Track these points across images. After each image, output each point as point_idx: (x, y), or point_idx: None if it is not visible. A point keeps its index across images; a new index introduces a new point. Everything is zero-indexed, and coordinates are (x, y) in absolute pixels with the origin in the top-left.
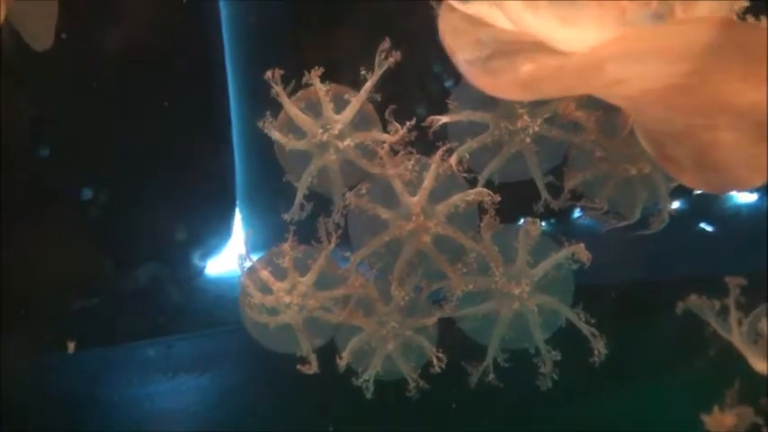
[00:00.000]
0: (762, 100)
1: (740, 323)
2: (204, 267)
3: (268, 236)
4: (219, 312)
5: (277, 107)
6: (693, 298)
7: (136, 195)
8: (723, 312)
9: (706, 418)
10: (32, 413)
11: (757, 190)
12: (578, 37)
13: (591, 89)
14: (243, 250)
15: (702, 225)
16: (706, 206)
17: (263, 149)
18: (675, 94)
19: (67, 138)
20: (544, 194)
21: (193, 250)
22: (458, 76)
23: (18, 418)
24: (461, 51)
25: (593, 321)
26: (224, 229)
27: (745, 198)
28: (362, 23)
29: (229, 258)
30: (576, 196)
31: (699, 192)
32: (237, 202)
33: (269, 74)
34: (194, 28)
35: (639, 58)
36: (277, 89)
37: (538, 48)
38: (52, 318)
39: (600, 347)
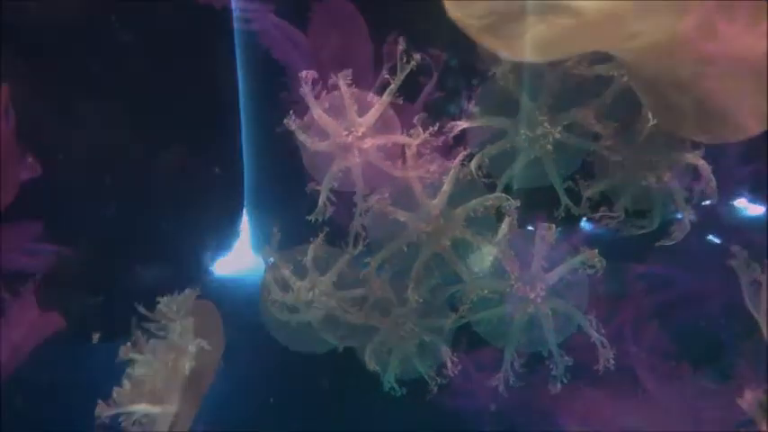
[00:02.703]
0: (762, 50)
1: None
2: (211, 268)
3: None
4: (225, 312)
5: (285, 108)
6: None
7: (142, 196)
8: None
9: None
10: (38, 411)
11: (759, 201)
12: None
13: (604, 45)
14: (267, 247)
15: (710, 237)
16: (713, 218)
17: (271, 151)
18: (682, 46)
19: (73, 138)
20: (564, 200)
21: (200, 251)
22: (479, 80)
23: (22, 418)
24: (469, 18)
25: (603, 331)
26: (231, 231)
27: (754, 210)
28: (379, 24)
29: (235, 259)
30: (594, 203)
31: (706, 203)
32: (245, 204)
33: (303, 74)
34: (205, 27)
35: (654, 12)
36: (306, 90)
37: (548, 9)
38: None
39: (607, 357)
